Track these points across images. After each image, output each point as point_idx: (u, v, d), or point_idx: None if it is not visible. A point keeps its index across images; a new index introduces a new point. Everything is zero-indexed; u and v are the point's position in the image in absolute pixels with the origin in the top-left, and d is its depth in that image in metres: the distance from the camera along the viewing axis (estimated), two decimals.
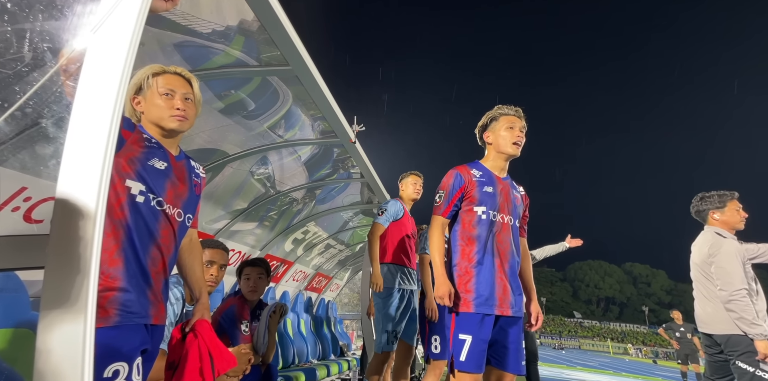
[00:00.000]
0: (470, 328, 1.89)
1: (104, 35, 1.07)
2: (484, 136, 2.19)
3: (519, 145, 2.09)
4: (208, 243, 2.14)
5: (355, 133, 3.45)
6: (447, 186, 2.08)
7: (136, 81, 1.41)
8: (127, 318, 1.18)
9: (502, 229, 2.01)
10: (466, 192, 2.06)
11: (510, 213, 2.06)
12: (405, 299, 3.25)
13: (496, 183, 2.08)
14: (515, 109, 2.15)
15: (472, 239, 2.00)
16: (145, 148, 1.34)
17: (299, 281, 6.96)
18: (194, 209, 1.52)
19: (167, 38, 2.02)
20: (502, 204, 2.04)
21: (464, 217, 2.05)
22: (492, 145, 2.15)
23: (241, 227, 4.48)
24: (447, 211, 2.07)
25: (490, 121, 2.17)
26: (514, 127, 2.10)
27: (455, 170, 2.12)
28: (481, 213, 2.01)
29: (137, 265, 1.25)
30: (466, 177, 2.07)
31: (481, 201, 2.03)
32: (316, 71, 2.38)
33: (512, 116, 2.12)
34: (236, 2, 1.85)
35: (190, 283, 1.58)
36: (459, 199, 2.07)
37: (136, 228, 1.25)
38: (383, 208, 3.35)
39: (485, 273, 1.94)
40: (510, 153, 2.10)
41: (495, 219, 2.01)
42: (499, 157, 2.14)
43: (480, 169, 2.13)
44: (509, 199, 2.08)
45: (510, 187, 2.13)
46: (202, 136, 2.88)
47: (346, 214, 6.22)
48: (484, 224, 1.99)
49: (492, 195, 2.04)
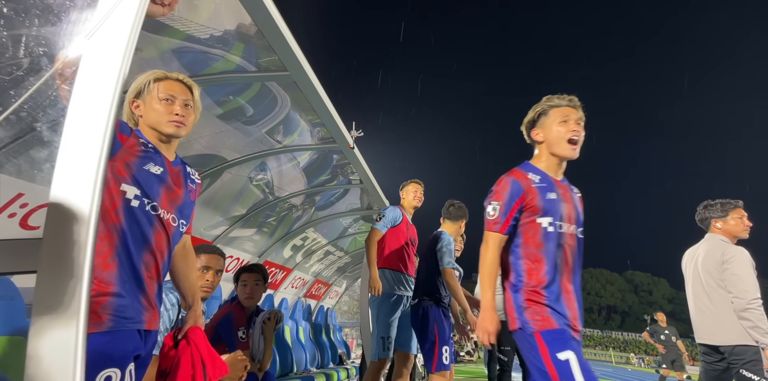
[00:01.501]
0: (566, 343, 1.59)
1: (99, 40, 1.08)
2: (533, 133, 1.88)
3: (576, 144, 1.78)
4: (204, 248, 2.13)
5: (353, 139, 3.46)
6: (503, 195, 1.77)
7: (137, 85, 1.42)
8: (120, 323, 1.17)
9: (570, 242, 1.73)
10: (526, 202, 1.75)
11: (574, 221, 1.78)
12: (400, 305, 3.23)
13: (556, 187, 1.79)
14: (568, 98, 1.82)
15: (539, 256, 1.71)
16: (141, 152, 1.34)
17: (298, 288, 6.92)
18: (189, 215, 1.52)
19: (165, 44, 2.03)
20: (566, 212, 1.75)
21: (526, 231, 1.75)
22: (544, 143, 1.84)
23: (240, 233, 4.47)
24: (505, 225, 1.75)
25: (538, 115, 1.86)
26: (569, 119, 1.78)
27: (510, 176, 1.80)
28: (547, 224, 1.72)
29: (131, 270, 1.24)
30: (525, 184, 1.76)
31: (545, 210, 1.73)
32: (314, 77, 2.39)
33: (565, 107, 1.80)
34: (234, 8, 1.86)
35: (183, 290, 1.57)
36: (518, 210, 1.75)
37: (131, 232, 1.24)
38: (382, 214, 3.35)
39: (554, 290, 1.69)
40: (565, 156, 1.80)
41: (562, 230, 1.72)
42: (553, 157, 1.83)
43: (536, 171, 1.82)
44: (572, 204, 1.80)
45: (570, 191, 1.84)
46: (200, 141, 2.88)
47: (346, 221, 6.20)
48: (551, 238, 1.71)
49: (556, 202, 1.74)
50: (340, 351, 7.17)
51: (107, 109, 1.07)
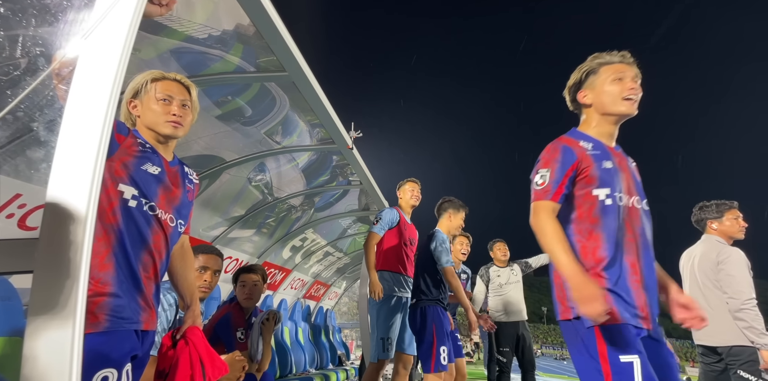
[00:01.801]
0: (631, 343, 1.35)
1: (96, 40, 1.08)
2: (579, 96, 1.67)
3: (634, 100, 1.57)
4: (202, 248, 2.13)
5: (352, 140, 3.46)
6: (553, 161, 1.54)
7: (135, 85, 1.42)
8: (117, 324, 1.17)
9: (632, 216, 1.51)
10: (580, 170, 1.53)
11: (635, 192, 1.55)
12: (400, 306, 3.23)
13: (611, 155, 1.57)
14: (621, 54, 1.62)
15: (595, 233, 1.48)
16: (138, 152, 1.34)
17: (297, 289, 6.91)
18: (187, 215, 1.52)
19: (164, 45, 2.03)
20: (625, 182, 1.53)
21: (580, 205, 1.53)
22: (592, 106, 1.64)
23: (239, 234, 4.47)
24: (558, 193, 1.51)
25: (585, 75, 1.65)
26: (624, 77, 1.58)
27: (559, 142, 1.59)
28: (604, 197, 1.49)
29: (128, 270, 1.24)
30: (578, 151, 1.55)
31: (602, 181, 1.50)
32: (312, 77, 2.39)
33: (618, 64, 1.60)
34: (232, 9, 1.86)
35: (181, 290, 1.57)
36: (570, 179, 1.53)
37: (128, 232, 1.24)
38: (378, 216, 3.35)
39: (618, 273, 1.45)
40: (622, 112, 1.58)
41: (622, 203, 1.50)
42: (605, 121, 1.62)
43: (588, 139, 1.60)
44: (630, 173, 1.58)
45: (626, 160, 1.63)
46: (199, 142, 2.88)
47: (345, 222, 6.20)
48: (610, 211, 1.48)
49: (613, 172, 1.52)
50: (340, 352, 7.17)
51: (104, 109, 1.07)
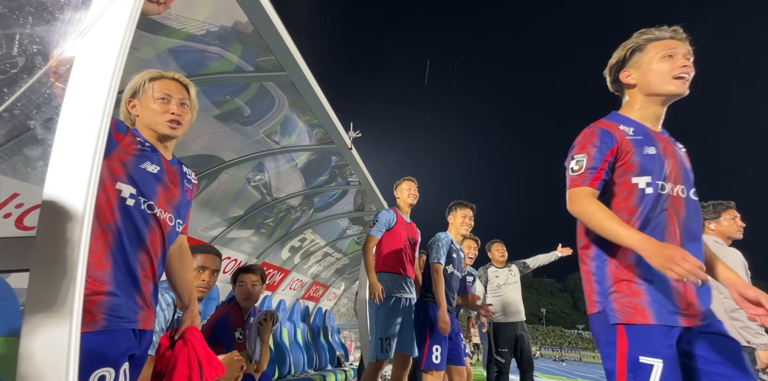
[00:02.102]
0: (656, 346, 1.25)
1: (94, 38, 1.08)
2: (622, 75, 1.53)
3: (686, 79, 1.43)
4: (200, 248, 2.12)
5: (351, 140, 3.46)
6: (589, 146, 1.43)
7: (133, 85, 1.42)
8: (114, 323, 1.16)
9: (676, 206, 1.39)
10: (619, 156, 1.42)
11: (682, 181, 1.43)
12: (400, 307, 3.22)
13: (656, 140, 1.45)
14: (672, 29, 1.47)
15: (632, 222, 1.38)
16: (138, 151, 1.34)
17: (296, 290, 6.90)
18: (185, 215, 1.51)
19: (163, 44, 2.03)
20: (670, 169, 1.41)
21: (618, 193, 1.42)
22: (637, 86, 1.50)
23: (238, 235, 4.46)
24: (597, 179, 1.39)
25: (630, 52, 1.51)
26: (675, 54, 1.43)
27: (597, 126, 1.47)
28: (644, 185, 1.38)
29: (126, 269, 1.23)
30: (617, 135, 1.43)
31: (642, 168, 1.39)
32: (311, 76, 2.39)
33: (669, 40, 1.45)
34: (231, 8, 1.86)
35: (179, 290, 1.56)
36: (609, 164, 1.42)
37: (126, 231, 1.24)
38: (375, 218, 3.34)
39: (659, 273, 1.31)
40: (671, 92, 1.44)
41: (664, 192, 1.39)
42: (651, 103, 1.49)
43: (629, 122, 1.48)
44: (677, 160, 1.44)
45: (673, 145, 1.49)
46: (198, 142, 2.88)
47: (344, 222, 6.20)
48: (650, 201, 1.37)
49: (655, 158, 1.41)
50: (338, 353, 7.15)
51: (101, 107, 1.06)
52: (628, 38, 1.53)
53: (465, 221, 3.46)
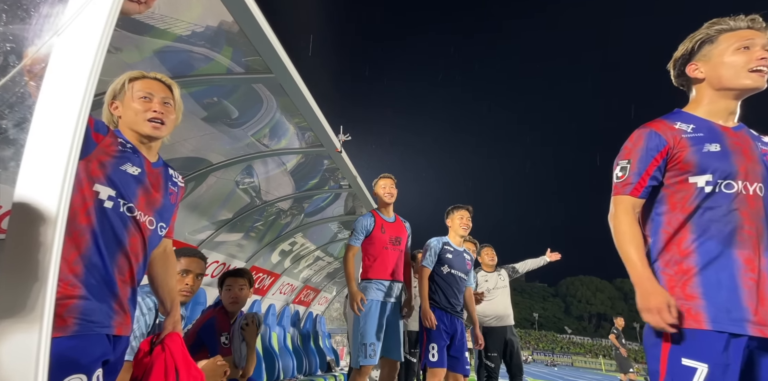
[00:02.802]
0: (703, 350, 1.19)
1: (70, 37, 1.06)
2: (689, 69, 1.44)
3: (764, 73, 1.33)
4: (183, 251, 2.09)
5: (341, 143, 3.45)
6: (636, 151, 1.39)
7: (114, 86, 1.41)
8: (86, 327, 1.13)
9: (750, 205, 1.29)
10: (671, 157, 1.37)
11: (759, 178, 1.32)
12: (385, 311, 3.19)
13: (723, 136, 1.36)
14: (750, 18, 1.37)
15: (688, 223, 1.32)
16: (118, 152, 1.31)
17: (286, 294, 6.84)
18: (169, 218, 1.49)
19: (149, 45, 2.01)
20: (741, 166, 1.31)
21: (672, 193, 1.36)
22: (705, 81, 1.42)
23: (227, 238, 4.42)
24: (639, 187, 1.37)
25: (698, 45, 1.42)
26: (752, 45, 1.33)
27: (646, 128, 1.42)
28: (703, 184, 1.31)
29: (102, 272, 1.20)
30: (669, 135, 1.38)
31: (701, 166, 1.32)
32: (299, 78, 2.38)
33: (745, 30, 1.36)
34: (217, 9, 1.85)
35: (161, 295, 1.54)
36: (659, 168, 1.37)
37: (103, 234, 1.21)
38: (353, 227, 3.34)
39: (717, 269, 1.25)
40: (747, 86, 1.34)
41: (731, 190, 1.30)
42: (721, 97, 1.40)
43: (689, 119, 1.41)
44: (753, 157, 1.33)
45: (750, 139, 1.38)
46: (185, 144, 2.85)
47: (335, 226, 6.17)
48: (711, 200, 1.30)
49: (720, 155, 1.32)
50: (329, 358, 7.09)
51: (78, 107, 1.04)
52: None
53: (462, 222, 3.52)
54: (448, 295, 3.37)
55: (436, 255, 3.43)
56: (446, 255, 3.45)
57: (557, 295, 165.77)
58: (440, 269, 3.42)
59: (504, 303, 4.52)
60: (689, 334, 1.23)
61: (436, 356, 3.17)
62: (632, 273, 1.32)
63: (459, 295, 3.45)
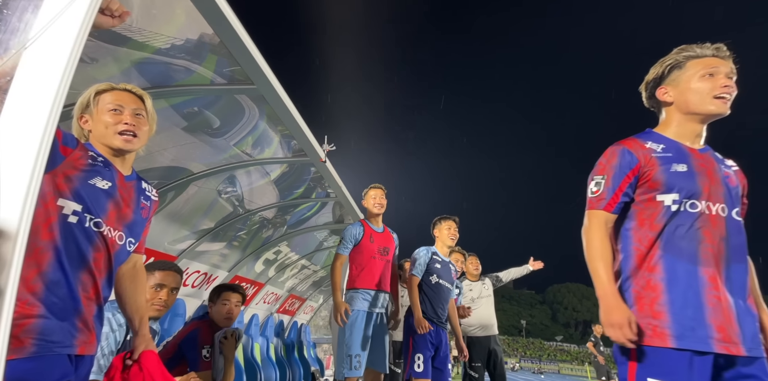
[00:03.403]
0: (669, 368, 1.22)
1: (38, 51, 1.04)
2: (659, 92, 1.51)
3: (727, 100, 1.40)
4: (158, 265, 2.05)
5: (325, 153, 3.44)
6: (609, 168, 1.44)
7: (82, 99, 1.38)
8: (45, 348, 1.09)
9: (711, 224, 1.34)
10: (641, 174, 1.42)
11: (722, 199, 1.37)
12: (371, 322, 3.17)
13: (690, 157, 1.42)
14: (715, 46, 1.43)
15: (655, 240, 1.37)
16: (88, 166, 1.28)
17: (270, 304, 6.75)
18: (139, 233, 1.45)
19: (128, 56, 1.98)
20: (705, 187, 1.37)
21: (641, 210, 1.41)
22: (674, 104, 1.48)
23: (209, 248, 4.35)
24: (612, 203, 1.42)
25: (668, 69, 1.48)
26: (717, 73, 1.40)
27: (619, 146, 1.47)
28: (670, 202, 1.37)
29: (65, 289, 1.17)
30: (640, 153, 1.43)
31: (669, 185, 1.37)
32: (281, 89, 2.37)
33: (710, 58, 1.42)
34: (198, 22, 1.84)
35: (128, 313, 1.50)
36: (630, 185, 1.42)
37: (66, 250, 1.18)
38: (341, 235, 3.34)
39: (684, 287, 1.28)
40: (711, 111, 1.41)
41: (695, 209, 1.35)
42: (688, 121, 1.46)
43: (659, 140, 1.47)
44: (716, 178, 1.39)
45: (715, 162, 1.44)
46: (164, 153, 2.81)
47: (321, 234, 6.13)
48: (677, 218, 1.35)
49: (687, 175, 1.38)
50: (313, 368, 6.98)
51: (43, 121, 1.02)
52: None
53: (450, 232, 3.54)
54: (435, 305, 3.37)
55: (425, 264, 3.43)
56: (435, 265, 3.45)
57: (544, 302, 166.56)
58: (429, 279, 3.42)
59: (488, 312, 4.51)
60: (655, 353, 1.25)
61: (421, 367, 3.16)
62: (598, 288, 1.37)
63: (445, 306, 3.46)
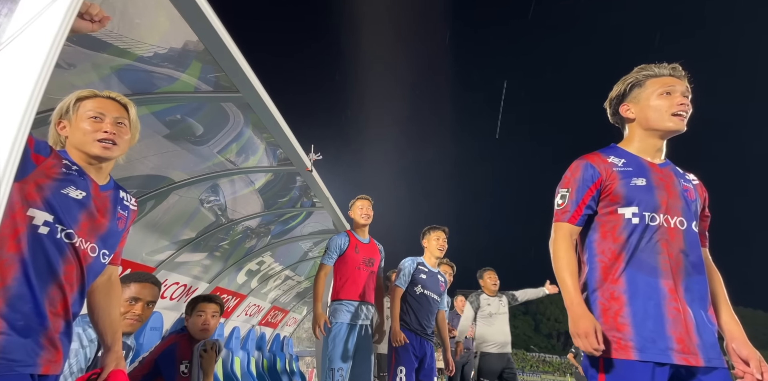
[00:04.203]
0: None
1: (12, 54, 0.99)
2: (622, 109, 1.58)
3: (683, 117, 1.47)
4: (134, 276, 1.97)
5: (312, 162, 3.40)
6: (573, 181, 1.51)
7: (62, 105, 1.34)
8: (5, 367, 1.02)
9: (670, 237, 1.39)
10: (603, 188, 1.48)
11: (680, 212, 1.42)
12: (355, 335, 3.11)
13: (649, 172, 1.48)
14: (671, 66, 1.52)
15: (618, 252, 1.41)
16: (61, 174, 1.23)
17: (252, 316, 6.59)
18: (114, 244, 1.39)
19: (110, 63, 1.93)
20: (663, 200, 1.42)
21: (604, 223, 1.47)
22: (636, 121, 1.55)
23: (189, 258, 4.23)
24: (576, 215, 1.48)
25: (630, 87, 1.56)
26: (673, 91, 1.48)
27: (583, 160, 1.53)
28: (630, 215, 1.42)
29: (30, 305, 1.10)
30: (602, 167, 1.49)
31: (628, 198, 1.43)
32: (267, 98, 2.33)
33: (667, 77, 1.51)
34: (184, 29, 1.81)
35: (100, 328, 1.42)
36: (593, 198, 1.48)
37: (34, 263, 1.11)
38: (326, 245, 3.30)
39: (644, 299, 1.33)
40: (669, 128, 1.48)
41: (654, 222, 1.40)
42: (649, 136, 1.53)
43: (621, 154, 1.54)
44: (675, 192, 1.45)
45: (674, 176, 1.51)
46: (144, 162, 2.73)
47: (306, 244, 6.04)
48: (637, 231, 1.40)
49: (646, 189, 1.44)
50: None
51: (14, 129, 0.97)
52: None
53: (439, 243, 3.50)
54: (419, 317, 3.33)
55: (409, 275, 3.40)
56: (420, 275, 3.42)
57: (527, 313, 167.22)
58: (413, 289, 3.38)
59: (504, 330, 4.36)
60: (622, 365, 1.29)
61: (404, 379, 3.11)
62: (565, 298, 1.41)
63: (431, 317, 3.41)
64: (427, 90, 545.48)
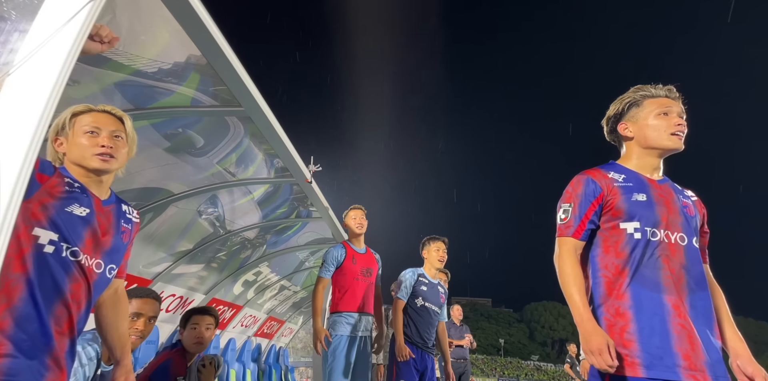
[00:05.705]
0: None
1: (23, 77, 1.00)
2: (620, 127, 1.60)
3: (681, 137, 1.51)
4: (136, 292, 1.96)
5: (311, 173, 3.41)
6: (575, 196, 1.51)
7: (58, 121, 1.32)
8: None
9: (671, 252, 1.40)
10: (605, 203, 1.49)
11: (680, 228, 1.44)
12: (354, 348, 3.09)
13: (649, 188, 1.50)
14: (667, 88, 1.56)
15: (621, 267, 1.41)
16: (64, 192, 1.23)
17: (248, 327, 6.52)
18: (120, 258, 1.39)
19: (110, 78, 1.93)
20: (663, 216, 1.44)
21: (606, 238, 1.47)
22: (634, 139, 1.57)
23: (185, 270, 4.20)
24: (580, 230, 1.48)
25: (627, 107, 1.58)
26: (670, 112, 1.51)
27: (584, 175, 1.55)
28: (632, 230, 1.43)
29: (36, 325, 1.09)
30: (603, 182, 1.50)
31: (630, 213, 1.44)
32: (269, 112, 2.34)
33: (664, 98, 1.54)
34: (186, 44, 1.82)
35: (110, 342, 1.41)
36: (596, 213, 1.49)
37: (40, 283, 1.11)
38: (323, 258, 3.28)
39: (650, 314, 1.32)
40: (668, 147, 1.51)
41: (655, 238, 1.41)
42: (647, 154, 1.56)
43: (621, 170, 1.56)
44: (674, 208, 1.47)
45: (673, 192, 1.52)
46: (143, 174, 2.72)
47: (302, 254, 6.01)
48: (639, 246, 1.41)
49: (646, 204, 1.45)
50: None
51: (23, 150, 0.97)
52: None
53: (439, 254, 3.48)
54: (420, 330, 3.30)
55: (410, 287, 3.37)
56: (421, 287, 3.39)
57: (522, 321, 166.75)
58: (414, 302, 3.34)
59: None
60: None
61: None
62: (574, 314, 1.39)
63: (431, 330, 3.38)
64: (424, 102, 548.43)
